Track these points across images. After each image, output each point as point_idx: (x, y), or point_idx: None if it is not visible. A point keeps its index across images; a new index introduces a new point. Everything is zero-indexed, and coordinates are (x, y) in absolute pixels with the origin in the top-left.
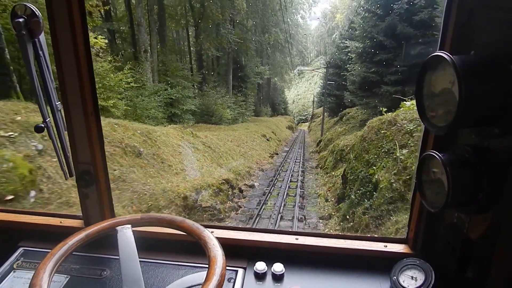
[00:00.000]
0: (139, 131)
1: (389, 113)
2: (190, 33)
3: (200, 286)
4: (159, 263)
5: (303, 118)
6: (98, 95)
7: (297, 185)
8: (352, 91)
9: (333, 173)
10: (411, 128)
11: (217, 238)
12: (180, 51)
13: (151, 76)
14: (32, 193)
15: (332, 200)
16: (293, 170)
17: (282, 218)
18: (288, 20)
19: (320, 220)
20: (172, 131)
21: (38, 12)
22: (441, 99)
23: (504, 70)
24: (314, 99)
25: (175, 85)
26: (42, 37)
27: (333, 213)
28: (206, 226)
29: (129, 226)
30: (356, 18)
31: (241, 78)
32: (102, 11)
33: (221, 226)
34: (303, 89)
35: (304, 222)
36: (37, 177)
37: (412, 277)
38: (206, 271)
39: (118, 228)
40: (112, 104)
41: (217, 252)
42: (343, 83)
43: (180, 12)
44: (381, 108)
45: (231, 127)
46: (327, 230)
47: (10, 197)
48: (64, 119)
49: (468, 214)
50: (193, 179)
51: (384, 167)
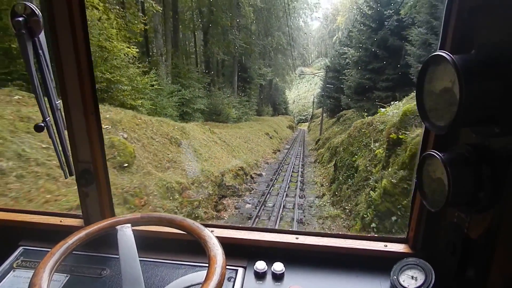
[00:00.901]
0: (176, 127)
1: (369, 116)
2: (198, 37)
3: (200, 285)
4: (159, 262)
5: (303, 118)
6: (129, 95)
7: (298, 175)
8: (348, 95)
9: (328, 165)
10: (382, 128)
11: (217, 237)
12: (189, 54)
13: (165, 78)
14: (135, 164)
15: (326, 185)
16: (294, 164)
17: (287, 195)
18: (291, 24)
19: (316, 198)
20: (196, 128)
21: (38, 11)
22: (441, 99)
23: (505, 69)
24: (314, 99)
25: (187, 86)
26: (42, 36)
27: (326, 192)
28: (206, 225)
29: (129, 225)
30: (353, 30)
31: (245, 80)
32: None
33: (221, 225)
34: (304, 89)
35: (304, 199)
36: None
37: (412, 276)
38: (206, 270)
39: (118, 227)
40: (140, 104)
41: (217, 251)
42: (341, 86)
43: (189, 17)
44: (365, 113)
45: (237, 125)
46: (320, 203)
47: (126, 165)
48: (64, 118)
49: (469, 214)
50: (217, 164)
51: (362, 156)
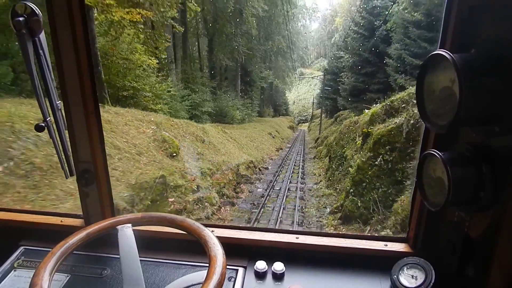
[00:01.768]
0: (198, 127)
1: (355, 116)
2: (202, 43)
3: (201, 285)
4: (159, 262)
5: (303, 118)
6: (150, 101)
7: (299, 167)
8: (344, 96)
9: (325, 159)
10: (365, 126)
11: (217, 237)
12: (194, 60)
13: (177, 84)
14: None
15: (322, 174)
16: (296, 160)
17: (290, 182)
18: (290, 28)
19: (314, 184)
20: (212, 128)
21: (38, 10)
22: (441, 98)
23: (505, 68)
24: (313, 100)
25: (196, 91)
26: (43, 35)
27: (322, 179)
28: (207, 225)
29: (129, 225)
30: (348, 37)
31: (247, 83)
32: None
33: (221, 225)
34: (303, 90)
35: (304, 184)
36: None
37: (412, 276)
38: (207, 270)
39: (119, 227)
40: (160, 108)
41: (217, 251)
42: (338, 88)
43: (194, 25)
44: (353, 113)
45: (241, 126)
46: (317, 187)
47: (174, 154)
48: (64, 118)
49: (469, 213)
50: (232, 158)
51: (349, 148)
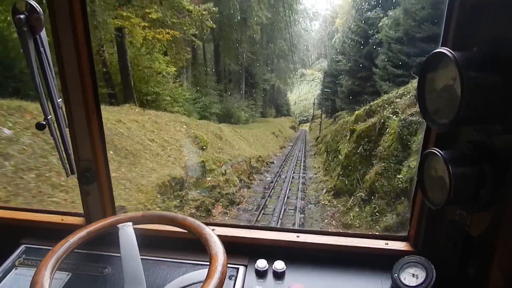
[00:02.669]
0: (216, 127)
1: (348, 117)
2: (208, 47)
3: (201, 283)
4: (160, 261)
5: (304, 118)
6: (169, 104)
7: (301, 162)
8: (342, 98)
9: (323, 155)
10: (352, 124)
11: (218, 235)
12: (200, 64)
13: (190, 88)
14: (207, 148)
15: (321, 167)
16: (298, 156)
17: (294, 172)
18: (291, 31)
19: (314, 174)
20: (225, 128)
21: (39, 8)
22: (443, 96)
23: (507, 66)
24: (314, 101)
25: (205, 93)
26: (43, 33)
27: (320, 171)
28: (207, 224)
29: (130, 223)
30: (345, 44)
31: (251, 85)
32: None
33: (222, 224)
34: (304, 90)
35: (305, 175)
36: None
37: (413, 274)
38: (207, 269)
39: (120, 225)
40: (177, 110)
41: (218, 250)
42: (337, 90)
43: (201, 30)
44: (349, 113)
45: (247, 126)
46: (316, 176)
47: (204, 147)
48: (65, 116)
49: (470, 212)
50: (245, 152)
51: (342, 143)
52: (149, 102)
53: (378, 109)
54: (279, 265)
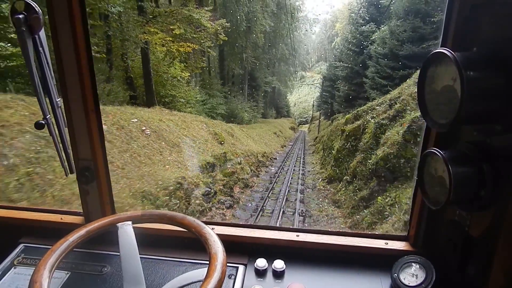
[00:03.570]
0: (227, 125)
1: (342, 119)
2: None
3: (201, 282)
4: (159, 260)
5: (304, 120)
6: (183, 106)
7: (300, 158)
8: (339, 102)
9: (320, 152)
10: (342, 125)
11: (217, 234)
12: (211, 69)
13: (199, 90)
14: (224, 143)
15: (318, 162)
16: (298, 154)
17: (295, 166)
18: (292, 36)
19: (312, 168)
20: (235, 127)
21: (38, 8)
22: (443, 96)
23: (507, 66)
24: (314, 103)
25: (212, 95)
26: (42, 33)
27: (318, 165)
28: (207, 223)
29: (129, 222)
30: (342, 53)
31: (253, 87)
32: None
33: (221, 223)
34: (304, 92)
35: (304, 168)
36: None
37: (413, 274)
38: (207, 268)
39: (119, 224)
40: (189, 111)
41: (217, 249)
42: (334, 94)
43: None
44: (340, 117)
45: (250, 126)
46: (314, 169)
47: (222, 142)
48: (64, 115)
49: (470, 212)
50: (253, 148)
51: (336, 141)
52: (165, 104)
53: (363, 113)
54: (279, 264)
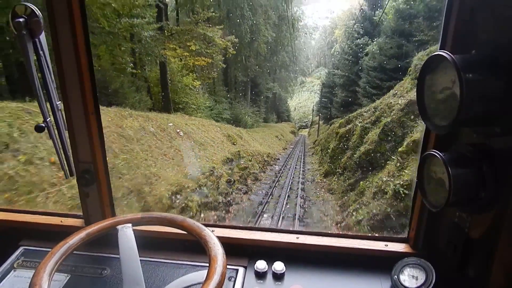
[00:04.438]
0: (237, 128)
1: (336, 123)
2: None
3: (201, 285)
4: (159, 262)
5: (304, 124)
6: (194, 111)
7: (301, 159)
8: (337, 107)
9: (319, 153)
10: (336, 128)
11: (217, 237)
12: (216, 77)
13: (207, 97)
14: (236, 144)
15: (316, 162)
16: (298, 155)
17: (296, 165)
18: (293, 44)
19: (311, 167)
20: (242, 130)
21: (38, 12)
22: (442, 99)
23: (506, 69)
24: (313, 107)
25: (218, 101)
26: (43, 36)
27: (316, 164)
28: (207, 225)
29: (129, 225)
30: (339, 62)
31: (256, 93)
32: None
33: (221, 225)
34: (304, 97)
35: (304, 166)
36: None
37: (413, 276)
38: (207, 270)
39: (119, 227)
40: (200, 116)
41: (217, 251)
42: (332, 99)
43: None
44: (337, 121)
45: (253, 130)
46: (313, 167)
47: (235, 143)
48: (64, 118)
49: (469, 213)
50: (259, 149)
51: (332, 142)
52: (179, 110)
53: (353, 119)
54: (279, 266)
